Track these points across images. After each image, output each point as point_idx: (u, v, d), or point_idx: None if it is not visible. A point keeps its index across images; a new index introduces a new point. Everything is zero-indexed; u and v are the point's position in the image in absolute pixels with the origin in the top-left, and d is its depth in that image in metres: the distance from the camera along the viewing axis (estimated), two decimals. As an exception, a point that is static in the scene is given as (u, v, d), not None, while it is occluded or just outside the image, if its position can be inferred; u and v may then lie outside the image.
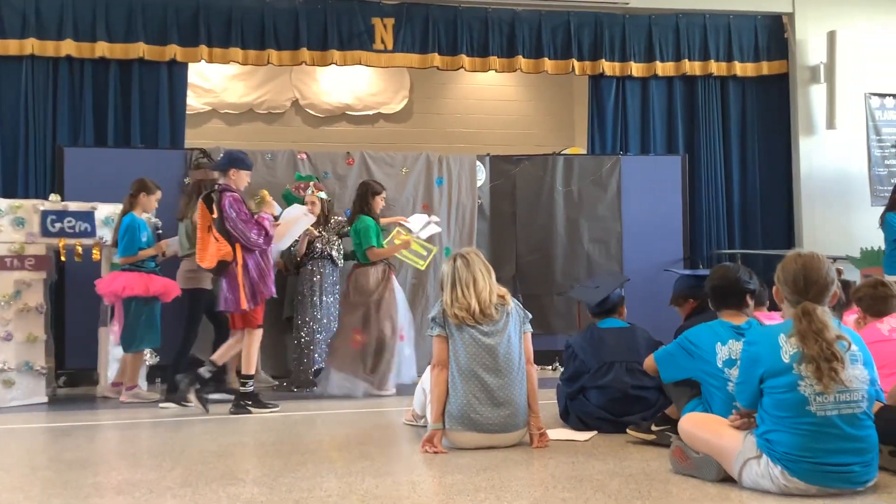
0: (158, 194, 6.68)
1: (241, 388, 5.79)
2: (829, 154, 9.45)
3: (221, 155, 6.36)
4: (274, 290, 5.88)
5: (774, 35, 9.60)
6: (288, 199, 7.51)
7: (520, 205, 8.42)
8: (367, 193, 6.80)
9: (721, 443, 3.31)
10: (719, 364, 3.70)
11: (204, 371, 5.71)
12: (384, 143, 10.43)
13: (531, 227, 8.40)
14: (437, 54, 8.85)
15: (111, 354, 6.80)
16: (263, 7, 8.50)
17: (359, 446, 4.41)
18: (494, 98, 11.44)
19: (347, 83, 10.88)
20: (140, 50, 8.18)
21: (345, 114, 11.08)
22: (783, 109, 9.62)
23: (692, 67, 9.36)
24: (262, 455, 4.26)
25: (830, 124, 9.33)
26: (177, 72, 8.46)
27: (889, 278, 5.18)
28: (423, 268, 7.41)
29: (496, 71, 9.21)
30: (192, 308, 6.60)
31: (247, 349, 5.75)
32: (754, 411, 3.21)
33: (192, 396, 5.66)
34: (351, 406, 5.94)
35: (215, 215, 5.58)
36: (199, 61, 8.57)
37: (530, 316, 4.44)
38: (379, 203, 6.85)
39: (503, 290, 4.40)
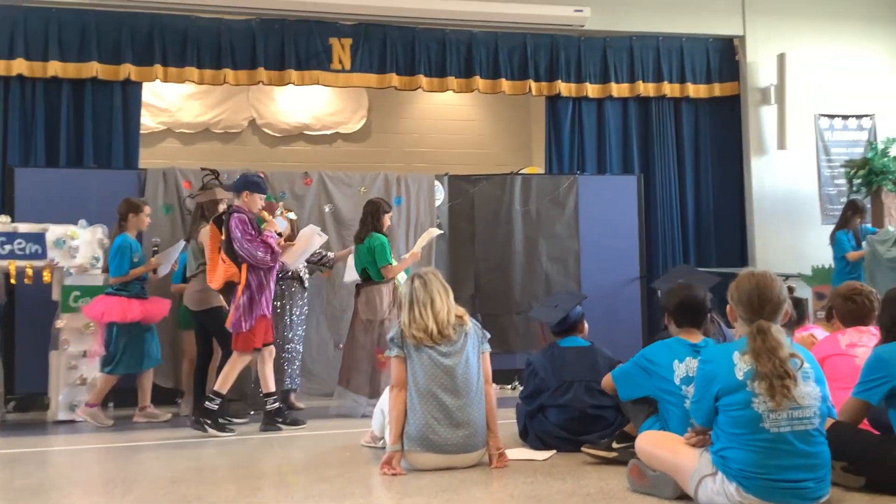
0: (147, 209, 6.61)
1: (207, 403, 5.69)
2: (780, 174, 9.65)
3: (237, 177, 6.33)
4: (268, 310, 5.80)
5: (726, 57, 9.80)
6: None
7: (478, 224, 8.46)
8: (378, 211, 6.65)
9: (677, 460, 3.34)
10: (677, 381, 3.74)
11: (210, 405, 5.64)
12: (342, 163, 10.40)
13: (490, 247, 8.43)
14: (395, 74, 8.87)
15: (62, 378, 6.65)
16: (219, 26, 8.46)
17: (317, 469, 4.36)
18: (452, 118, 11.49)
19: (305, 103, 10.85)
20: (93, 69, 8.08)
21: (302, 133, 11.03)
22: (735, 130, 9.81)
23: (646, 89, 9.50)
24: (217, 480, 4.19)
25: (781, 145, 9.53)
26: (131, 91, 8.36)
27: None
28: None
29: (454, 91, 9.26)
30: (214, 326, 6.38)
31: (261, 369, 5.84)
32: (710, 429, 3.24)
33: (214, 429, 5.64)
34: (309, 428, 5.88)
35: (224, 237, 5.66)
36: (154, 80, 8.47)
37: (488, 336, 4.44)
38: (387, 221, 6.73)
39: (461, 311, 4.40)
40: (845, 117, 9.90)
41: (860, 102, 9.93)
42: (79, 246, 6.82)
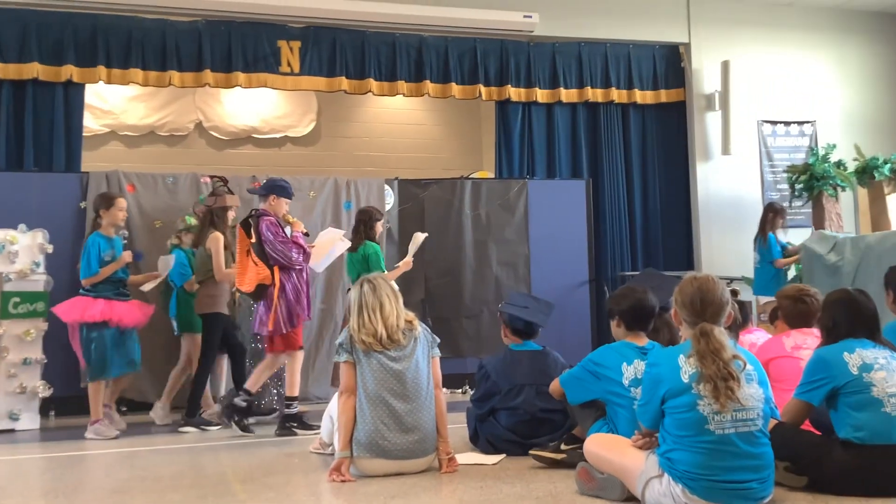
0: (121, 203, 6.23)
1: (287, 409, 5.78)
2: (724, 179, 9.83)
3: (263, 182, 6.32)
4: (308, 312, 5.92)
5: (672, 64, 9.96)
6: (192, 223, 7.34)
7: (428, 228, 8.41)
8: (370, 220, 6.71)
9: (624, 463, 3.36)
10: (625, 384, 3.77)
11: (239, 401, 5.72)
12: (291, 167, 10.32)
13: (440, 251, 8.43)
14: (344, 78, 8.84)
15: (1, 387, 6.47)
16: (165, 27, 8.33)
17: (263, 477, 4.30)
18: (403, 122, 11.47)
19: (253, 105, 10.74)
20: (34, 70, 7.90)
21: (251, 136, 10.92)
22: (681, 136, 9.98)
23: (594, 94, 9.61)
24: (161, 490, 4.10)
25: (725, 150, 9.72)
26: (73, 93, 8.19)
27: (763, 298, 5.38)
28: None
29: (404, 95, 9.25)
30: (209, 332, 6.41)
31: (290, 371, 5.81)
32: (656, 431, 3.27)
33: (237, 427, 5.72)
34: (256, 435, 5.80)
35: (253, 240, 5.64)
36: (98, 82, 8.31)
37: (438, 340, 4.43)
38: (379, 229, 6.82)
39: (411, 315, 4.38)
40: (787, 123, 10.12)
41: (802, 109, 10.18)
42: (18, 251, 6.66)
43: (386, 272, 6.58)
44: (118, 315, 6.07)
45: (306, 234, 5.99)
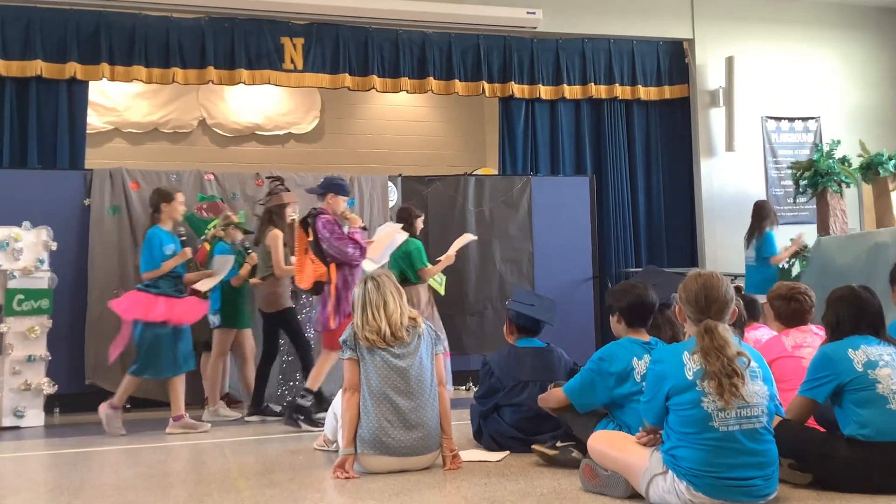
0: (181, 197, 6.18)
1: (300, 400, 5.81)
2: (728, 175, 9.81)
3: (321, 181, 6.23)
4: None
5: (676, 60, 9.93)
6: (191, 222, 7.36)
7: (432, 225, 8.44)
8: (410, 216, 7.08)
9: (628, 460, 3.36)
10: (637, 379, 3.77)
11: (303, 401, 5.78)
12: (295, 164, 10.33)
13: (443, 248, 8.38)
14: (347, 75, 8.82)
15: (6, 383, 6.49)
16: (168, 24, 8.32)
17: (268, 474, 4.30)
18: (406, 119, 11.47)
19: (257, 103, 10.74)
20: (38, 67, 7.89)
21: (254, 134, 10.92)
22: (685, 132, 9.96)
23: (598, 91, 9.59)
24: (166, 487, 4.11)
25: (729, 146, 9.69)
26: (77, 90, 8.18)
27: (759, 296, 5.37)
28: (443, 292, 7.50)
29: (407, 92, 9.24)
30: (288, 327, 6.52)
31: (320, 366, 5.84)
32: (660, 428, 3.27)
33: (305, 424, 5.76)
34: (261, 433, 5.81)
35: (311, 238, 5.73)
36: (101, 79, 8.29)
37: (442, 337, 4.43)
38: (419, 225, 7.18)
39: (414, 313, 4.39)
40: (791, 120, 10.10)
41: (806, 105, 10.16)
42: (23, 248, 6.66)
43: (428, 266, 7.00)
44: (178, 314, 6.00)
45: (364, 229, 6.08)
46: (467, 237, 7.30)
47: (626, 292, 4.06)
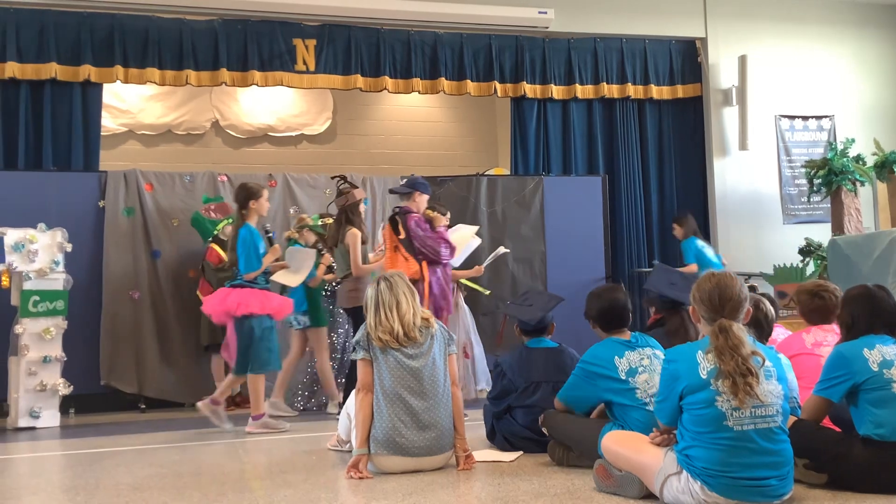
0: (266, 193, 6.15)
1: None
2: (742, 174, 9.77)
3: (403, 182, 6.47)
4: (450, 306, 6.07)
5: (688, 59, 9.90)
6: (198, 223, 7.40)
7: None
8: (430, 220, 6.92)
9: (642, 460, 3.35)
10: (622, 376, 3.84)
11: None
12: (307, 165, 10.35)
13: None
14: (359, 76, 8.84)
15: (22, 384, 6.53)
16: (181, 26, 8.36)
17: (281, 474, 4.31)
18: (418, 119, 11.47)
19: (269, 104, 10.77)
20: (52, 70, 7.95)
21: (267, 135, 10.95)
22: (698, 131, 9.92)
23: (610, 90, 9.57)
24: (181, 487, 4.13)
25: (743, 145, 9.66)
26: (91, 92, 8.24)
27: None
28: (488, 293, 7.58)
29: (419, 92, 9.25)
30: (357, 324, 6.46)
31: None
32: (674, 428, 3.26)
33: None
34: (274, 433, 5.82)
35: (402, 236, 5.81)
36: (115, 82, 8.35)
37: (455, 337, 4.43)
38: (445, 222, 7.01)
39: (427, 313, 4.39)
40: (805, 118, 10.06)
41: (820, 104, 10.11)
42: (38, 250, 6.71)
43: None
44: (276, 308, 6.02)
45: (449, 227, 6.11)
46: (500, 251, 7.31)
47: (597, 297, 4.18)
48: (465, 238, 6.62)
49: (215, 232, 7.29)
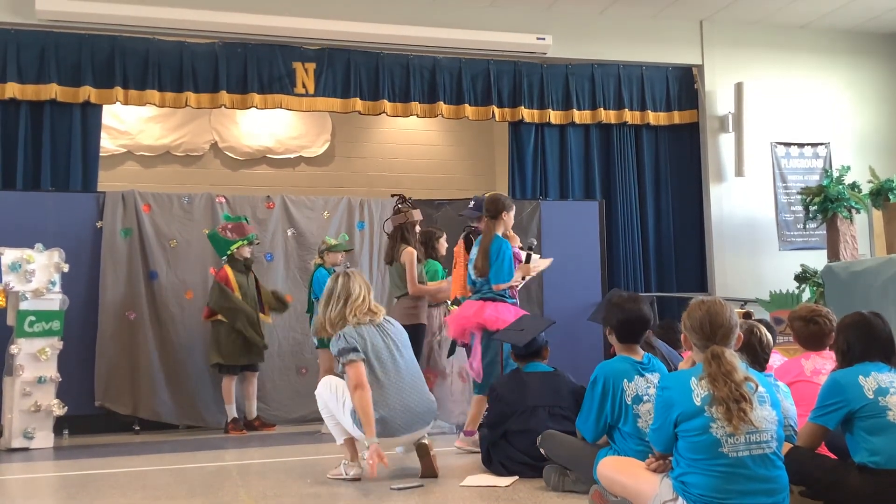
0: (513, 207, 5.99)
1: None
2: (738, 200, 9.80)
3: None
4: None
5: (685, 86, 9.97)
6: (214, 241, 7.39)
7: (441, 249, 8.44)
8: (431, 240, 7.13)
9: (638, 486, 3.35)
10: (628, 401, 3.79)
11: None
12: (305, 187, 10.37)
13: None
14: (358, 99, 8.88)
15: (16, 405, 6.50)
16: (181, 49, 8.41)
17: (276, 498, 4.30)
18: (416, 142, 11.51)
19: (268, 126, 10.80)
20: (52, 91, 7.97)
21: (265, 157, 10.97)
22: (694, 157, 9.97)
23: (608, 116, 9.62)
24: (175, 509, 4.11)
25: (739, 172, 9.70)
26: (90, 113, 8.26)
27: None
28: None
29: (418, 116, 9.29)
30: (415, 342, 6.27)
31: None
32: (670, 454, 3.26)
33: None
34: (267, 455, 5.80)
35: None
36: (115, 103, 8.38)
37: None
38: (443, 244, 7.20)
39: (380, 308, 4.83)
40: (801, 145, 10.11)
41: (815, 131, 10.16)
42: (35, 270, 6.69)
43: (426, 286, 6.97)
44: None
45: (521, 249, 6.09)
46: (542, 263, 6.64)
47: (619, 307, 4.04)
48: (536, 268, 6.51)
49: (229, 252, 7.27)
